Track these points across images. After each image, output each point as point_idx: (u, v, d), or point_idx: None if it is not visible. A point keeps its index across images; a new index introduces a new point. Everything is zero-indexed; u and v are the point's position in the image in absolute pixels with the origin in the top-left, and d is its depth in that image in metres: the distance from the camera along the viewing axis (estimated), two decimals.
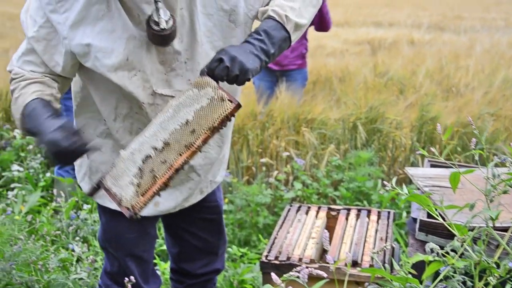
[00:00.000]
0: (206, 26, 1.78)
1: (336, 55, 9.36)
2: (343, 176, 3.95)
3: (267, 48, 1.69)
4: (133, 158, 1.61)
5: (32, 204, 3.72)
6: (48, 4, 1.69)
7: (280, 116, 4.40)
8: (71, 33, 1.68)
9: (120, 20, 1.69)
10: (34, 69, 1.77)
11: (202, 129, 1.58)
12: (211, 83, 1.62)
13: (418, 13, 20.37)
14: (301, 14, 1.79)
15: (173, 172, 1.57)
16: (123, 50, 1.71)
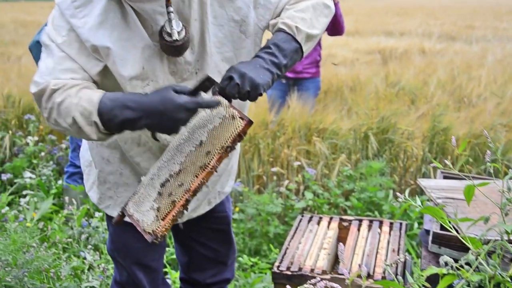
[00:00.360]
0: (216, 37, 1.78)
1: (347, 64, 9.36)
2: (354, 186, 3.94)
3: (278, 61, 1.68)
4: (152, 184, 1.62)
5: (44, 211, 3.73)
6: (67, 9, 1.69)
7: (292, 126, 4.40)
8: (91, 35, 1.66)
9: (135, 30, 1.69)
10: (73, 76, 1.67)
11: (216, 149, 1.59)
12: (223, 102, 1.62)
13: (429, 22, 20.36)
14: (313, 24, 1.78)
15: (190, 194, 1.57)
16: (139, 60, 1.71)
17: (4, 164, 4.65)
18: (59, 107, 1.63)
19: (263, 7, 1.81)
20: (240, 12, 1.78)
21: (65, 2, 1.69)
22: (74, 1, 1.69)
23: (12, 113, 5.20)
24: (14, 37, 14.36)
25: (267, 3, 1.81)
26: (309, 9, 1.79)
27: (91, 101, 1.59)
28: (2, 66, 8.02)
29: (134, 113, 1.55)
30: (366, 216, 3.70)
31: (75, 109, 1.60)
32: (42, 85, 1.66)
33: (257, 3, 1.80)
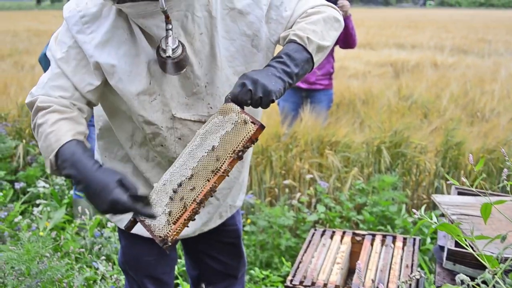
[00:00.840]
0: (228, 51, 1.80)
1: (359, 76, 9.37)
2: (366, 200, 3.93)
3: (289, 70, 1.69)
4: (165, 189, 1.63)
5: (57, 221, 3.75)
6: (75, 25, 1.72)
7: (304, 138, 4.40)
8: (96, 52, 1.70)
9: (141, 45, 1.71)
10: (63, 94, 1.71)
11: (227, 153, 1.60)
12: (235, 108, 1.64)
13: (440, 35, 20.35)
14: (323, 36, 1.79)
15: (201, 198, 1.58)
16: (146, 75, 1.73)
17: (17, 173, 4.68)
18: (38, 128, 1.68)
19: (275, 22, 1.83)
20: (252, 26, 1.80)
21: (74, 18, 1.72)
22: (83, 17, 1.72)
23: (26, 122, 5.24)
24: (28, 46, 14.50)
25: (280, 18, 1.83)
26: (320, 22, 1.81)
27: (57, 141, 1.61)
28: (16, 75, 8.10)
29: (77, 176, 1.56)
30: (378, 230, 3.70)
31: (44, 139, 1.64)
32: (32, 98, 1.72)
33: (269, 17, 1.82)
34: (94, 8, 1.72)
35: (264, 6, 1.80)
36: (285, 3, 1.83)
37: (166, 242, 1.57)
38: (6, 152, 4.72)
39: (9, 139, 4.80)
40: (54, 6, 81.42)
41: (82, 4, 1.74)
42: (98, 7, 1.72)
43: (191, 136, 1.84)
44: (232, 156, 1.60)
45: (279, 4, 1.83)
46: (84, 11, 1.72)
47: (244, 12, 1.79)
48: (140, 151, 1.94)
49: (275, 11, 1.82)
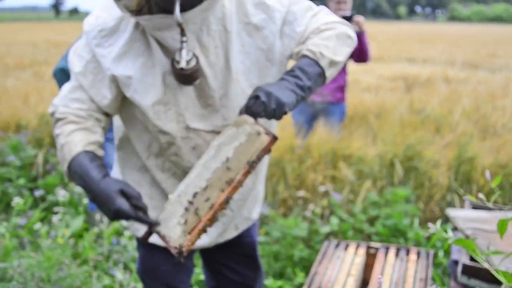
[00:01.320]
0: (244, 64, 1.83)
1: (371, 90, 9.40)
2: (379, 213, 3.96)
3: (302, 83, 1.71)
4: (180, 200, 1.67)
5: (75, 229, 3.81)
6: (94, 39, 1.78)
7: (318, 151, 4.45)
8: (113, 65, 1.76)
9: (157, 57, 1.76)
10: (80, 106, 1.79)
11: (241, 164, 1.64)
12: (248, 120, 1.67)
13: (451, 50, 20.34)
14: (336, 52, 1.82)
15: (216, 208, 1.62)
16: (160, 85, 1.77)
17: (37, 181, 4.75)
18: (56, 139, 1.79)
19: (289, 37, 1.86)
20: (266, 41, 1.83)
21: (93, 32, 1.79)
22: (101, 31, 1.78)
23: (45, 131, 5.32)
24: (47, 56, 14.64)
25: (293, 33, 1.86)
26: (332, 38, 1.83)
27: (69, 152, 1.72)
28: (36, 85, 8.21)
29: (85, 187, 1.67)
30: (390, 243, 3.73)
31: (60, 149, 1.75)
32: (53, 109, 1.84)
33: (283, 32, 1.85)
34: (112, 22, 1.78)
35: (278, 21, 1.83)
36: (298, 19, 1.86)
37: (181, 253, 1.61)
38: (26, 161, 4.80)
39: (29, 148, 4.88)
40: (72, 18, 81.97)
41: (101, 18, 1.80)
42: (116, 21, 1.78)
43: (205, 146, 1.87)
44: (246, 167, 1.63)
45: (292, 20, 1.86)
46: (103, 25, 1.78)
47: (260, 26, 1.82)
48: (156, 162, 1.97)
49: (289, 27, 1.86)
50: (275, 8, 1.84)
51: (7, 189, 4.43)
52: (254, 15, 1.82)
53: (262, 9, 1.83)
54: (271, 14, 1.83)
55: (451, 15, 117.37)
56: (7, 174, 4.50)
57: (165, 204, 1.70)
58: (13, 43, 20.00)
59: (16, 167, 4.65)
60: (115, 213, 1.59)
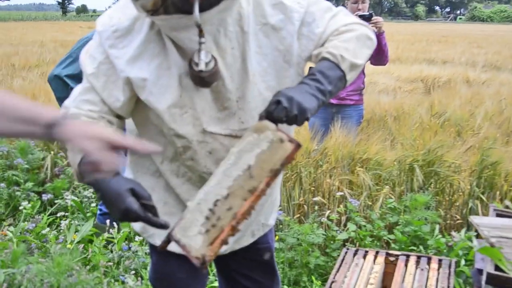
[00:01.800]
0: (261, 66, 1.79)
1: (389, 92, 9.30)
2: (398, 219, 3.85)
3: (323, 88, 1.67)
4: (199, 208, 1.61)
5: (84, 234, 3.74)
6: (108, 39, 1.72)
7: (335, 155, 4.35)
8: (128, 67, 1.71)
9: (173, 58, 1.71)
10: (92, 108, 1.75)
11: (264, 172, 1.58)
12: (270, 126, 1.61)
13: (472, 50, 20.19)
14: (356, 54, 1.78)
15: (239, 218, 1.56)
16: (177, 87, 1.73)
17: (45, 185, 4.69)
18: None
19: (307, 38, 1.82)
20: (284, 42, 1.78)
21: (106, 32, 1.73)
22: (115, 31, 1.73)
23: None
24: (55, 56, 14.69)
25: (311, 34, 1.82)
26: (352, 40, 1.79)
27: (79, 151, 1.64)
28: (43, 86, 8.17)
29: (94, 185, 1.60)
30: (410, 251, 3.62)
31: (70, 149, 1.69)
32: (64, 111, 1.78)
33: (301, 34, 1.81)
34: (126, 22, 1.73)
35: (297, 22, 1.79)
36: (317, 20, 1.82)
37: (203, 263, 1.54)
38: (34, 164, 4.76)
39: (37, 151, 4.84)
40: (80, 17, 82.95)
41: (115, 18, 1.75)
42: (131, 21, 1.73)
43: (222, 150, 1.83)
44: (270, 176, 1.57)
45: (311, 21, 1.82)
46: (117, 26, 1.73)
47: (277, 27, 1.78)
48: (171, 167, 1.93)
49: (307, 28, 1.81)
50: (294, 9, 1.79)
51: (14, 193, 4.38)
52: (272, 15, 1.78)
53: (280, 9, 1.79)
54: (289, 15, 1.79)
55: (472, 14, 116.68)
56: (15, 177, 4.45)
57: (184, 212, 1.64)
58: (20, 43, 20.17)
59: (24, 170, 4.60)
60: (124, 213, 1.53)
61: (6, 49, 16.40)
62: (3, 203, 4.29)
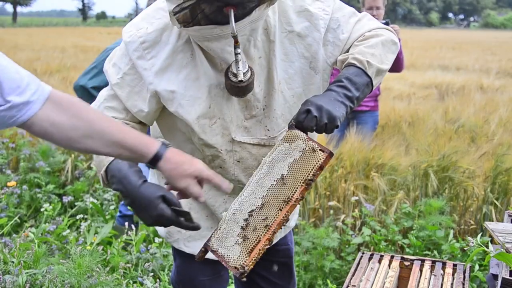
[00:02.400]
0: (287, 73, 1.81)
1: (403, 98, 9.30)
2: (412, 224, 3.87)
3: (351, 94, 1.69)
4: (235, 219, 1.63)
5: (104, 236, 3.80)
6: (136, 51, 1.75)
7: (350, 160, 4.38)
8: (156, 79, 1.73)
9: (203, 68, 1.73)
10: (116, 115, 1.80)
11: (298, 181, 1.59)
12: (301, 135, 1.63)
13: (486, 57, 20.06)
14: (382, 60, 1.80)
15: (275, 227, 1.58)
16: (206, 98, 1.75)
17: (65, 187, 4.76)
18: None
19: (332, 44, 1.84)
20: (310, 49, 1.81)
21: (134, 43, 1.75)
22: (143, 42, 1.75)
23: None
24: (75, 62, 14.81)
25: (336, 40, 1.84)
26: (378, 45, 1.81)
27: (106, 157, 1.70)
28: (65, 91, 8.14)
29: (123, 192, 1.63)
30: (424, 255, 3.64)
31: (96, 155, 1.74)
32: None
33: (326, 40, 1.83)
34: (154, 33, 1.75)
35: (322, 29, 1.82)
36: (342, 26, 1.85)
37: (243, 273, 1.57)
38: (55, 166, 4.83)
39: (58, 154, 4.91)
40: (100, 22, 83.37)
41: (143, 29, 1.77)
42: (158, 31, 1.75)
43: (250, 158, 1.87)
44: (303, 185, 1.59)
45: (336, 27, 1.84)
46: (145, 37, 1.75)
47: (303, 34, 1.81)
48: None
49: (332, 34, 1.84)
50: (319, 16, 1.82)
51: (36, 195, 4.45)
52: (297, 23, 1.81)
53: (305, 16, 1.81)
54: (314, 22, 1.81)
55: (485, 21, 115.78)
56: (37, 179, 4.52)
57: (219, 223, 1.68)
58: (42, 48, 20.32)
59: (45, 172, 4.67)
60: (156, 218, 1.57)
61: (28, 54, 16.53)
62: (25, 204, 4.36)
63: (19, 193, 4.32)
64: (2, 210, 4.04)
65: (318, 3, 1.84)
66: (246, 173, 1.90)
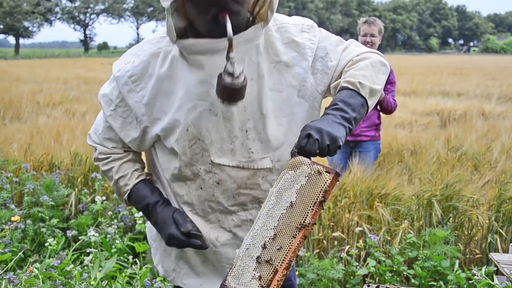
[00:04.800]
0: (275, 103, 1.83)
1: (405, 126, 9.32)
2: (417, 254, 3.85)
3: (348, 116, 1.69)
4: (249, 254, 1.63)
5: (108, 270, 3.78)
6: (125, 85, 1.83)
7: (353, 190, 4.38)
8: (148, 110, 1.82)
9: (185, 89, 1.77)
10: (115, 145, 1.97)
11: (308, 206, 1.58)
12: (305, 160, 1.63)
13: (487, 82, 20.17)
14: (374, 80, 1.81)
15: (291, 256, 1.57)
16: (184, 121, 1.79)
17: (69, 221, 4.76)
18: (106, 173, 2.02)
19: (321, 72, 1.87)
20: (298, 77, 1.84)
21: (123, 78, 1.84)
22: (131, 76, 1.83)
23: (78, 170, 5.36)
24: (78, 93, 14.95)
25: (325, 68, 1.87)
26: (368, 67, 1.83)
27: (125, 185, 1.98)
28: (68, 123, 8.34)
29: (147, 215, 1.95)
30: (430, 286, 3.62)
31: (114, 183, 2.00)
32: (91, 144, 2.04)
33: (315, 68, 1.86)
34: (140, 65, 1.83)
35: (310, 57, 1.84)
36: (330, 54, 1.87)
37: None
38: (59, 200, 4.81)
39: (62, 187, 4.91)
40: (101, 53, 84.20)
41: (130, 63, 1.85)
42: (144, 63, 1.83)
43: (229, 181, 1.87)
44: (314, 209, 1.59)
45: (324, 55, 1.87)
46: (132, 70, 1.83)
47: (290, 64, 1.83)
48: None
49: (321, 62, 1.86)
50: (306, 45, 1.85)
51: (40, 229, 4.44)
52: (285, 53, 1.84)
53: (292, 47, 1.85)
54: (301, 51, 1.85)
55: (485, 46, 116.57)
56: (40, 214, 4.52)
57: (234, 260, 1.67)
58: (44, 80, 20.52)
59: (49, 206, 4.67)
60: (168, 238, 1.82)
61: (31, 86, 16.68)
62: (29, 239, 4.35)
63: (23, 228, 4.32)
64: (6, 245, 4.03)
65: (304, 34, 1.87)
66: (225, 195, 1.91)
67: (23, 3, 78.95)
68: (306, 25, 1.89)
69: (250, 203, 1.93)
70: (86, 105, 11.94)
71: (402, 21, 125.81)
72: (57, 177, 5.10)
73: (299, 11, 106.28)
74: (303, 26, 1.88)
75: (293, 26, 1.87)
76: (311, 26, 1.90)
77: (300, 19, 1.93)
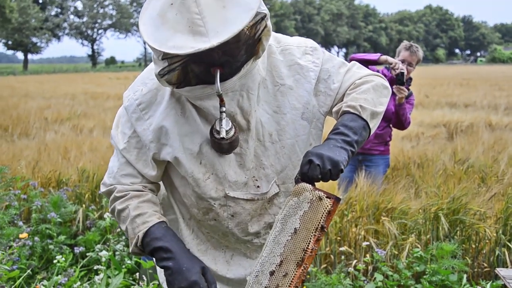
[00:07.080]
0: (279, 125, 1.85)
1: (412, 138, 9.30)
2: (425, 268, 3.84)
3: (349, 139, 1.71)
4: (258, 281, 1.66)
5: (115, 286, 3.78)
6: (134, 113, 1.83)
7: (360, 204, 4.38)
8: (155, 137, 1.81)
9: (195, 125, 1.78)
10: (133, 181, 1.88)
11: (310, 232, 1.61)
12: (307, 187, 1.66)
13: (494, 93, 20.12)
14: (375, 103, 1.83)
15: (296, 281, 1.60)
16: (197, 154, 1.80)
17: (77, 237, 4.77)
18: (120, 213, 1.87)
19: (324, 94, 1.88)
20: (301, 100, 1.85)
21: (132, 106, 1.84)
22: (140, 104, 1.83)
23: (86, 187, 5.38)
24: (85, 109, 15.01)
25: (328, 90, 1.88)
26: (369, 90, 1.85)
27: (144, 223, 1.81)
28: (75, 139, 8.38)
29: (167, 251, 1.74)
30: None
31: (130, 222, 1.83)
32: (107, 188, 1.91)
33: (318, 90, 1.88)
34: (149, 94, 1.83)
35: (313, 80, 1.86)
36: (332, 76, 1.89)
37: None
38: (67, 217, 4.83)
39: (69, 204, 4.92)
40: (109, 68, 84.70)
41: (138, 91, 1.85)
42: (153, 92, 1.83)
43: (243, 213, 1.89)
44: (316, 234, 1.61)
45: (326, 78, 1.89)
46: (141, 98, 1.83)
47: (294, 87, 1.85)
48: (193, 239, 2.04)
49: (323, 84, 1.88)
50: (309, 68, 1.87)
51: (47, 246, 4.46)
52: (289, 76, 1.85)
53: (296, 70, 1.86)
54: (305, 74, 1.86)
55: (492, 56, 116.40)
56: (48, 230, 4.54)
57: (245, 287, 1.71)
58: (52, 96, 20.62)
59: (57, 223, 4.69)
60: (191, 283, 1.68)
61: (39, 102, 16.78)
62: (36, 256, 4.37)
63: (31, 245, 4.33)
64: (14, 263, 4.04)
65: (308, 56, 1.89)
66: (239, 227, 1.93)
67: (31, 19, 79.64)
68: (309, 47, 1.91)
69: (263, 229, 1.96)
70: (94, 120, 12.00)
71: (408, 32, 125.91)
72: (64, 193, 5.13)
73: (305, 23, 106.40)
74: (306, 48, 1.90)
75: (297, 48, 1.89)
76: (314, 48, 1.91)
77: (304, 40, 1.94)
